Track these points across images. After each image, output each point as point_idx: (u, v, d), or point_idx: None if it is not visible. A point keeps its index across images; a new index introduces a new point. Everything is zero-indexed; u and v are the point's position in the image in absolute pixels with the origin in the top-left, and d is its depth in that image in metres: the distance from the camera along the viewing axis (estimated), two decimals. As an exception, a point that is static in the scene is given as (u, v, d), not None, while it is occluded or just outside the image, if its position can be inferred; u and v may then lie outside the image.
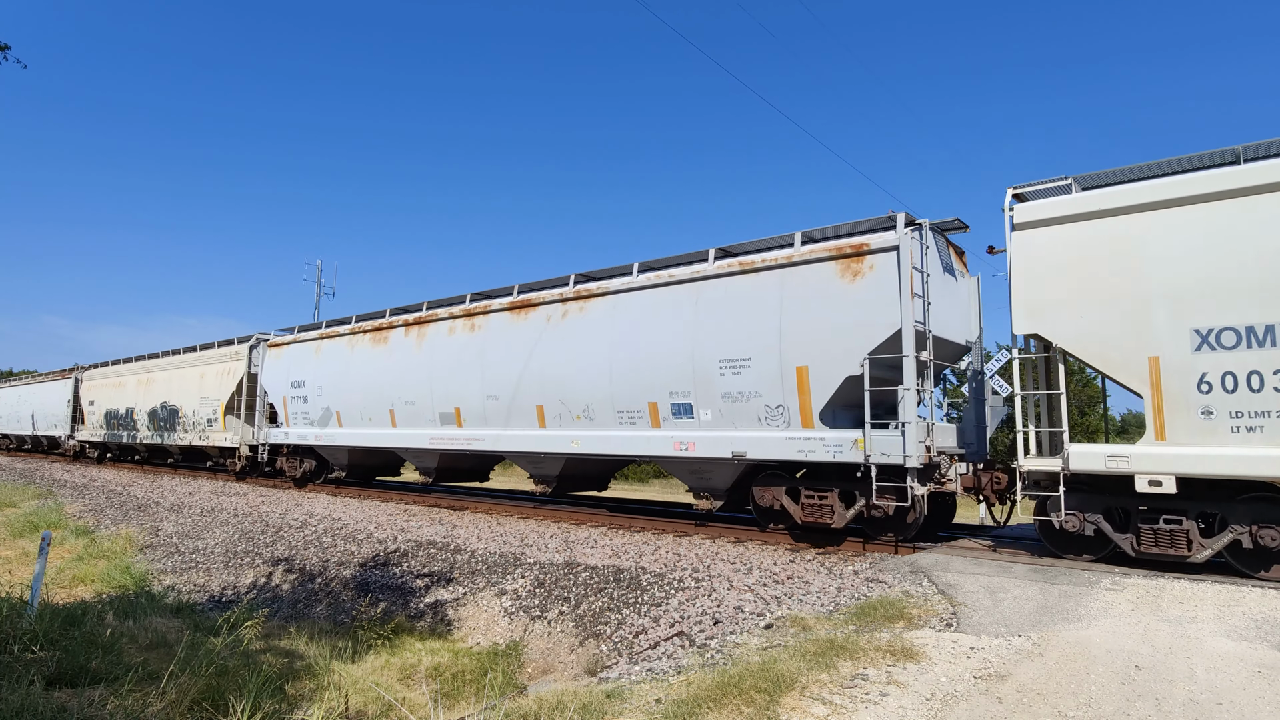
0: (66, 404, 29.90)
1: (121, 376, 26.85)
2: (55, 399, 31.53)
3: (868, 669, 5.03)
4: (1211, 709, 4.27)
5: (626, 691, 5.04)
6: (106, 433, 26.72)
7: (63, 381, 30.65)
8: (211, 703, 5.00)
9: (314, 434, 17.52)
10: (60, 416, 30.80)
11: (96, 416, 28.08)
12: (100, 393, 27.96)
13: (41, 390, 32.98)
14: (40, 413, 33.15)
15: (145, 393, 24.79)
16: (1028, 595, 6.75)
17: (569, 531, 11.65)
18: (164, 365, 24.49)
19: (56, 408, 31.26)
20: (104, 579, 11.92)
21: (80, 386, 29.98)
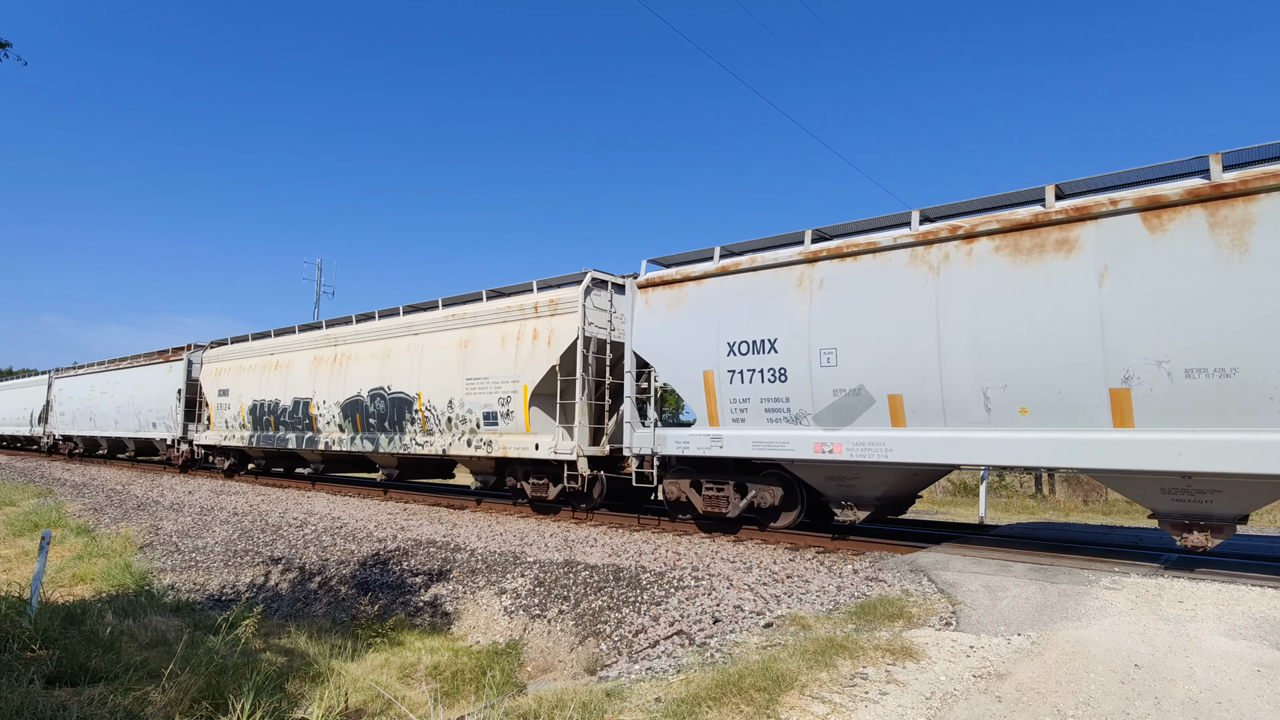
0: (176, 395, 23.44)
1: (278, 354, 19.55)
2: (155, 389, 24.72)
3: (867, 668, 5.04)
4: (1211, 708, 4.27)
5: (626, 690, 5.04)
6: (253, 433, 20.19)
7: (167, 365, 24.24)
8: (211, 701, 5.01)
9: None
10: (163, 412, 24.33)
11: (233, 411, 20.89)
12: (238, 378, 20.91)
13: (132, 378, 26.55)
14: (130, 408, 26.25)
15: (334, 375, 17.32)
16: (1027, 594, 6.75)
17: (569, 530, 11.66)
18: (372, 333, 16.58)
19: (158, 401, 24.56)
20: (104, 578, 11.92)
21: (198, 370, 23.29)
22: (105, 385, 28.24)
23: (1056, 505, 19.11)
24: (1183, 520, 7.36)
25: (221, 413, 21.41)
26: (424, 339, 15.10)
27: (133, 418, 26.11)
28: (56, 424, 32.48)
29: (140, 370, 26.16)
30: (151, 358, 25.67)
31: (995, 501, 19.11)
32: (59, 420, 32.33)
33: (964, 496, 20.63)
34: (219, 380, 21.78)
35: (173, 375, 23.79)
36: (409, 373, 15.12)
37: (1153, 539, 10.53)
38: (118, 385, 27.38)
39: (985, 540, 10.15)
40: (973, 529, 11.89)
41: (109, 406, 27.72)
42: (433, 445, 14.40)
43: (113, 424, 27.40)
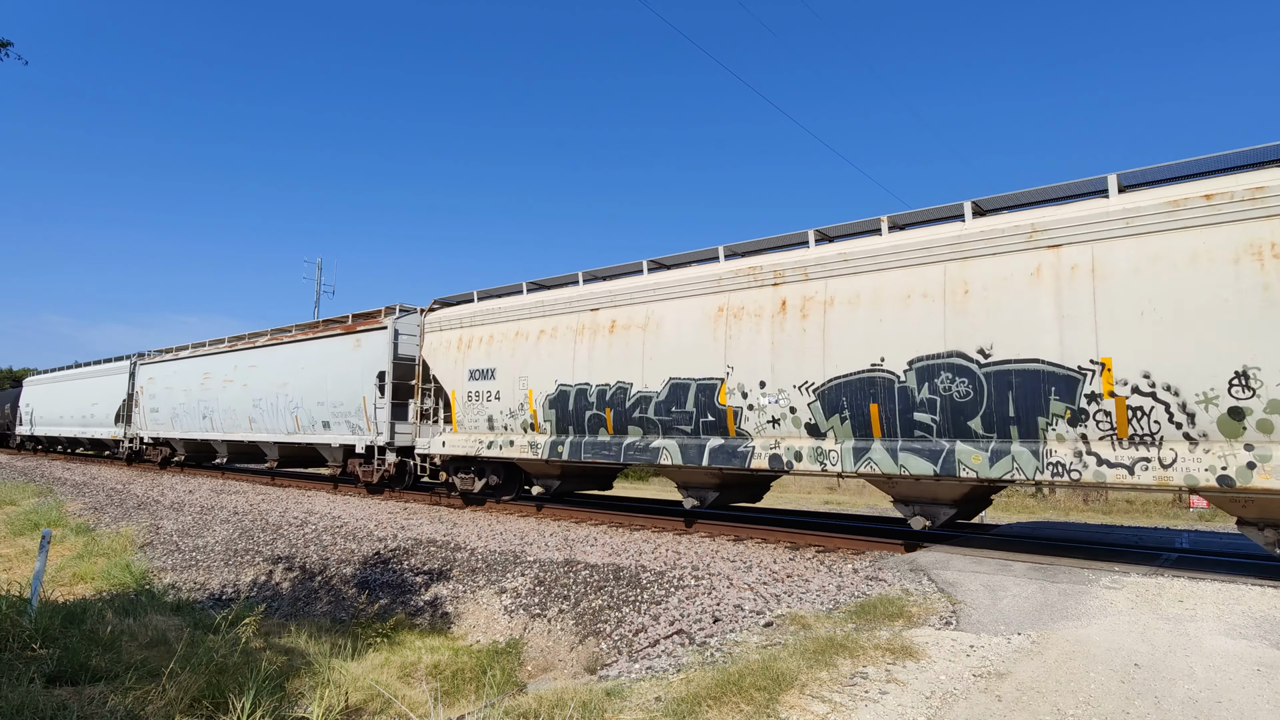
0: (376, 380, 15.80)
1: (605, 308, 11.96)
2: (326, 372, 17.43)
3: (867, 667, 5.04)
4: (1211, 707, 4.27)
5: (626, 689, 5.04)
6: (572, 438, 12.10)
7: (352, 339, 16.91)
8: (212, 700, 5.01)
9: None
10: (346, 407, 16.66)
11: (512, 402, 13.05)
12: (514, 350, 13.17)
13: (282, 360, 18.88)
14: (280, 401, 18.71)
15: (794, 340, 9.72)
16: (1027, 593, 6.76)
17: (569, 530, 11.66)
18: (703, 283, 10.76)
19: (335, 389, 17.06)
20: (104, 577, 11.93)
21: (413, 343, 15.92)
22: (229, 371, 20.86)
23: (1057, 505, 19.12)
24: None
25: (480, 406, 13.50)
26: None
27: (284, 416, 18.57)
28: (145, 423, 25.21)
29: (298, 348, 18.50)
30: (317, 329, 18.61)
31: (995, 501, 19.10)
32: (149, 419, 24.98)
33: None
34: (468, 355, 13.91)
35: (364, 352, 16.27)
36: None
37: (1153, 539, 10.54)
38: (254, 371, 19.87)
39: (985, 540, 10.16)
40: (973, 528, 11.90)
41: (237, 400, 20.34)
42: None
43: (244, 423, 20.11)
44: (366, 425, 16.12)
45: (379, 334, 16.09)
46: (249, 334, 21.22)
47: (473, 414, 13.70)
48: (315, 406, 17.59)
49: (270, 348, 19.66)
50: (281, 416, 18.75)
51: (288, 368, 18.65)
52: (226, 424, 21.07)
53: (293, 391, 18.26)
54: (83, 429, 30.36)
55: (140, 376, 26.07)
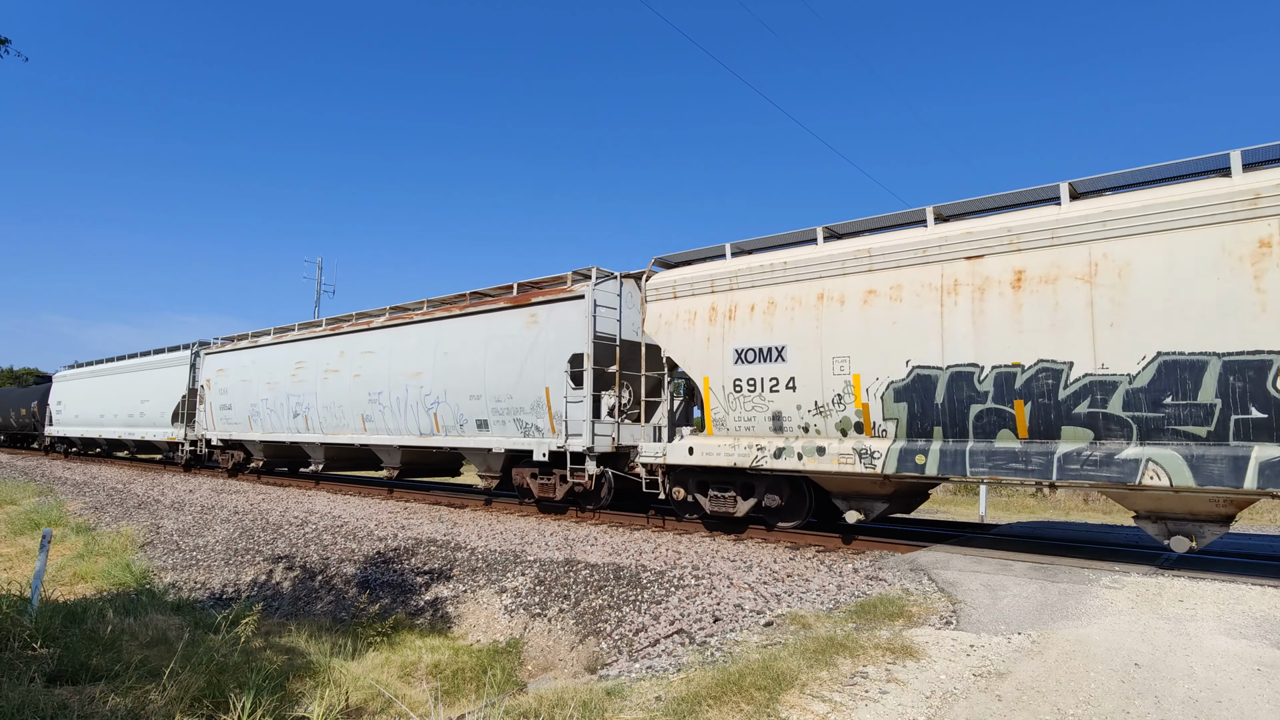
0: (564, 371, 12.13)
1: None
2: (504, 354, 13.08)
3: (868, 667, 5.04)
4: (1211, 707, 4.27)
5: (627, 689, 5.05)
6: (932, 447, 8.38)
7: (524, 312, 12.99)
8: (212, 699, 5.01)
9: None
10: (522, 402, 12.81)
11: (807, 398, 9.36)
12: (774, 320, 9.75)
13: (442, 341, 14.39)
14: (462, 394, 13.76)
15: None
16: (1027, 593, 6.76)
17: (569, 529, 11.66)
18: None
19: (513, 383, 12.88)
20: (104, 576, 11.94)
21: (601, 315, 12.17)
22: (332, 358, 16.88)
23: (1057, 504, 19.12)
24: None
25: (756, 399, 9.82)
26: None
27: (415, 413, 14.67)
28: (211, 423, 21.43)
29: (438, 328, 14.44)
30: (464, 303, 14.43)
31: (996, 500, 19.11)
32: (217, 418, 21.13)
33: (965, 495, 20.63)
34: (731, 329, 10.15)
35: (544, 331, 12.43)
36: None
37: (1153, 538, 10.54)
38: (371, 359, 15.77)
39: (985, 539, 10.16)
40: (973, 528, 11.90)
41: (345, 394, 16.33)
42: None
43: (354, 423, 16.16)
44: (549, 425, 12.27)
45: (570, 306, 12.20)
46: (356, 314, 17.49)
47: (742, 410, 9.94)
48: (466, 402, 13.57)
49: (394, 329, 15.58)
50: (412, 414, 14.71)
51: (423, 353, 14.62)
52: (329, 423, 17.00)
53: (431, 382, 14.29)
54: (129, 430, 26.04)
55: (206, 368, 21.85)
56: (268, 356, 19.43)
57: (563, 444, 12.06)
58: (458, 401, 13.84)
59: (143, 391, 25.15)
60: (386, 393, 15.36)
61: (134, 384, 25.86)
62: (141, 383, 25.37)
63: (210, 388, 21.51)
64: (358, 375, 16.13)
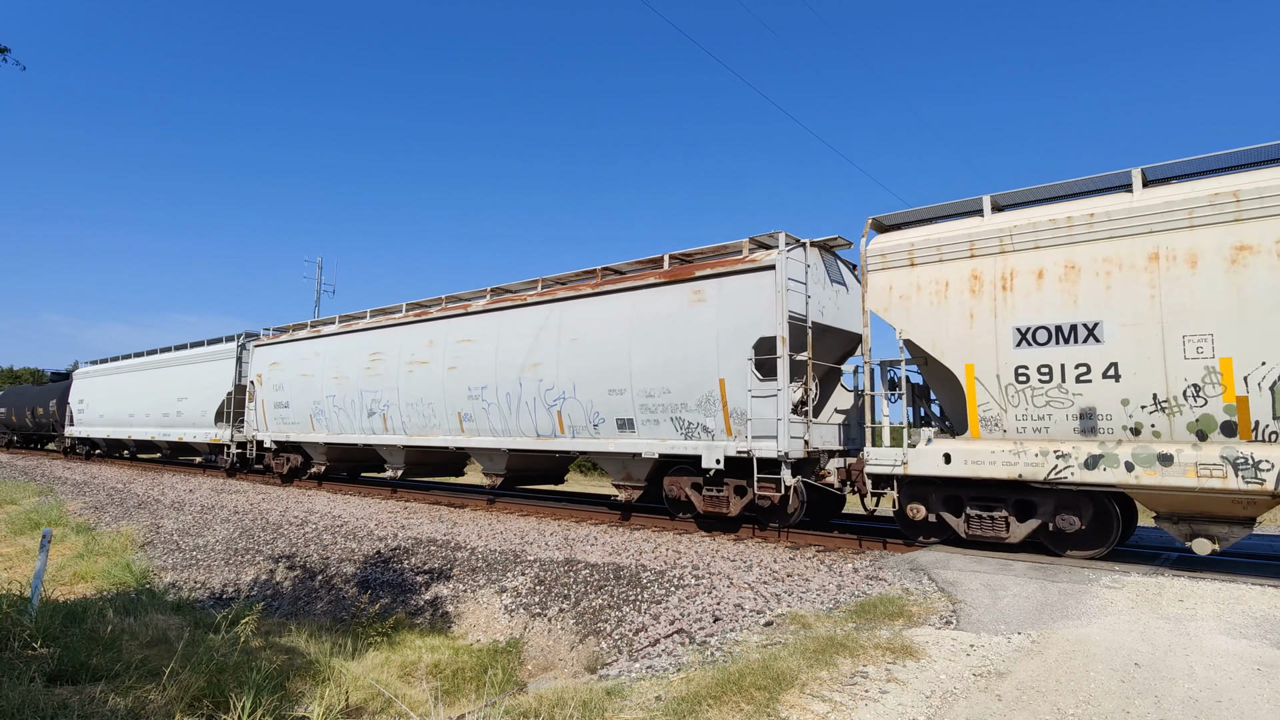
0: (747, 359, 10.04)
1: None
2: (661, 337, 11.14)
3: (868, 666, 5.04)
4: (1211, 707, 4.27)
5: (627, 689, 5.05)
6: None
7: (687, 288, 10.96)
8: (212, 699, 5.01)
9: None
10: (687, 397, 10.72)
11: (1139, 388, 7.48)
12: (1078, 290, 7.86)
13: (568, 324, 12.39)
14: (599, 387, 11.78)
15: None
16: (1027, 593, 6.76)
17: (569, 529, 11.67)
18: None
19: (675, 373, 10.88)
20: (105, 576, 11.95)
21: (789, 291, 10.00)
22: (419, 347, 14.77)
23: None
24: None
25: (1055, 393, 8.00)
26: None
27: (530, 411, 12.70)
28: (263, 423, 19.20)
29: (562, 310, 12.44)
30: (594, 279, 12.34)
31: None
32: (271, 417, 18.83)
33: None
34: (1011, 302, 8.33)
35: (715, 310, 10.41)
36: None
37: (1153, 538, 10.54)
38: (469, 348, 13.73)
39: (985, 540, 10.13)
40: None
41: (435, 390, 14.22)
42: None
43: (449, 422, 14.06)
44: (723, 424, 10.23)
45: (751, 280, 10.08)
46: (446, 297, 15.07)
47: (1029, 406, 8.06)
48: (604, 397, 11.51)
49: (501, 313, 13.35)
50: (527, 412, 12.60)
51: (543, 340, 12.47)
52: (413, 422, 14.75)
53: (554, 375, 12.18)
54: (164, 430, 23.71)
55: (257, 361, 19.60)
56: (334, 347, 17.07)
57: (745, 448, 9.95)
58: (591, 397, 11.71)
59: (180, 388, 22.76)
60: (492, 387, 13.15)
61: (169, 380, 23.49)
62: (178, 379, 22.95)
63: (262, 384, 19.15)
64: (453, 368, 13.91)
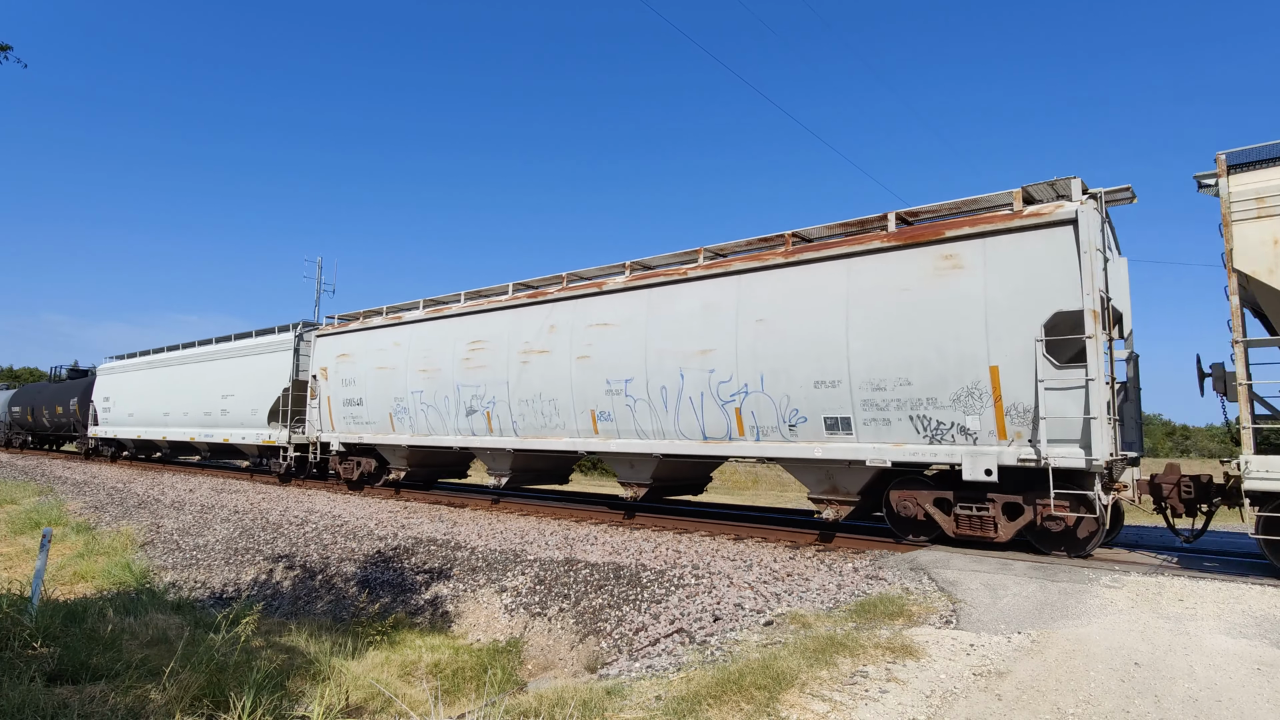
0: (1036, 341, 7.88)
1: None
2: (895, 313, 8.99)
3: (868, 666, 5.04)
4: (1211, 706, 4.27)
5: (627, 688, 5.05)
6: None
7: (934, 251, 8.74)
8: (212, 699, 5.01)
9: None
10: (944, 390, 8.55)
11: None
12: None
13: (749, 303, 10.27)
14: (801, 375, 9.65)
15: None
16: (1027, 592, 6.76)
17: (569, 529, 11.66)
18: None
19: (923, 361, 8.71)
20: (105, 576, 11.95)
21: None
22: (535, 332, 12.72)
23: (1057, 504, 19.06)
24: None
25: None
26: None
27: (686, 408, 10.86)
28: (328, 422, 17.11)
29: (737, 285, 10.46)
30: (772, 246, 10.44)
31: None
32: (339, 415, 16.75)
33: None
34: None
35: (978, 280, 8.44)
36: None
37: (1153, 538, 10.54)
38: (605, 333, 11.77)
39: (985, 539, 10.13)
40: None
41: (558, 381, 12.23)
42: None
43: (575, 420, 12.06)
44: (993, 424, 8.20)
45: (1043, 238, 8.02)
46: (567, 275, 12.86)
47: None
48: (805, 392, 9.46)
49: (650, 290, 11.34)
50: (690, 410, 10.66)
51: (714, 322, 10.48)
52: (528, 422, 12.74)
53: (730, 364, 10.16)
54: (204, 431, 21.58)
55: (320, 353, 17.43)
56: (421, 336, 14.89)
57: (1031, 455, 7.90)
58: (787, 391, 9.64)
59: (225, 384, 20.60)
60: (640, 380, 11.09)
61: (212, 376, 21.31)
62: (224, 374, 20.78)
63: (328, 378, 16.92)
64: (584, 357, 11.85)
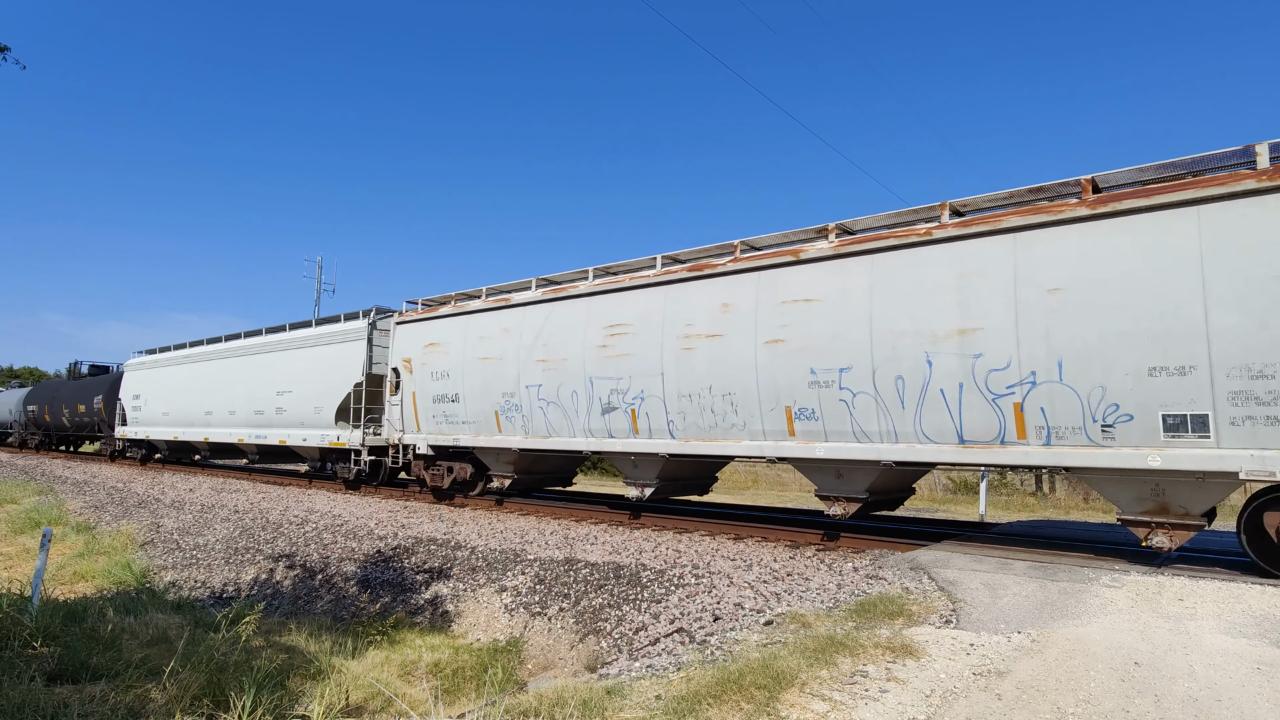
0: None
1: None
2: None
3: (868, 665, 5.04)
4: (1211, 706, 4.27)
5: (627, 688, 5.05)
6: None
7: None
8: (212, 698, 5.02)
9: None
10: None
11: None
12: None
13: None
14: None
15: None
16: (1027, 592, 6.76)
17: (569, 528, 11.67)
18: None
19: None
20: (105, 575, 11.95)
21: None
22: (698, 317, 10.52)
23: (1057, 503, 19.13)
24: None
25: None
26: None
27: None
28: (412, 420, 14.71)
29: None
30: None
31: (995, 499, 19.12)
32: (426, 415, 14.42)
33: (964, 494, 20.64)
34: None
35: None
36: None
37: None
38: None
39: (985, 538, 10.15)
40: (973, 527, 11.91)
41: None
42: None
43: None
44: None
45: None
46: (740, 243, 10.58)
47: None
48: (1133, 380, 7.36)
49: (863, 258, 9.16)
50: (939, 405, 8.41)
51: (975, 293, 8.28)
52: (689, 421, 10.56)
53: (1009, 346, 7.99)
54: (257, 432, 19.13)
55: (402, 343, 14.90)
56: (538, 320, 12.52)
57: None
58: (1102, 381, 7.47)
59: (282, 379, 18.32)
60: (863, 369, 8.93)
61: (265, 370, 19.04)
62: (280, 368, 18.52)
63: (413, 371, 14.58)
64: (777, 341, 9.70)
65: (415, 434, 14.83)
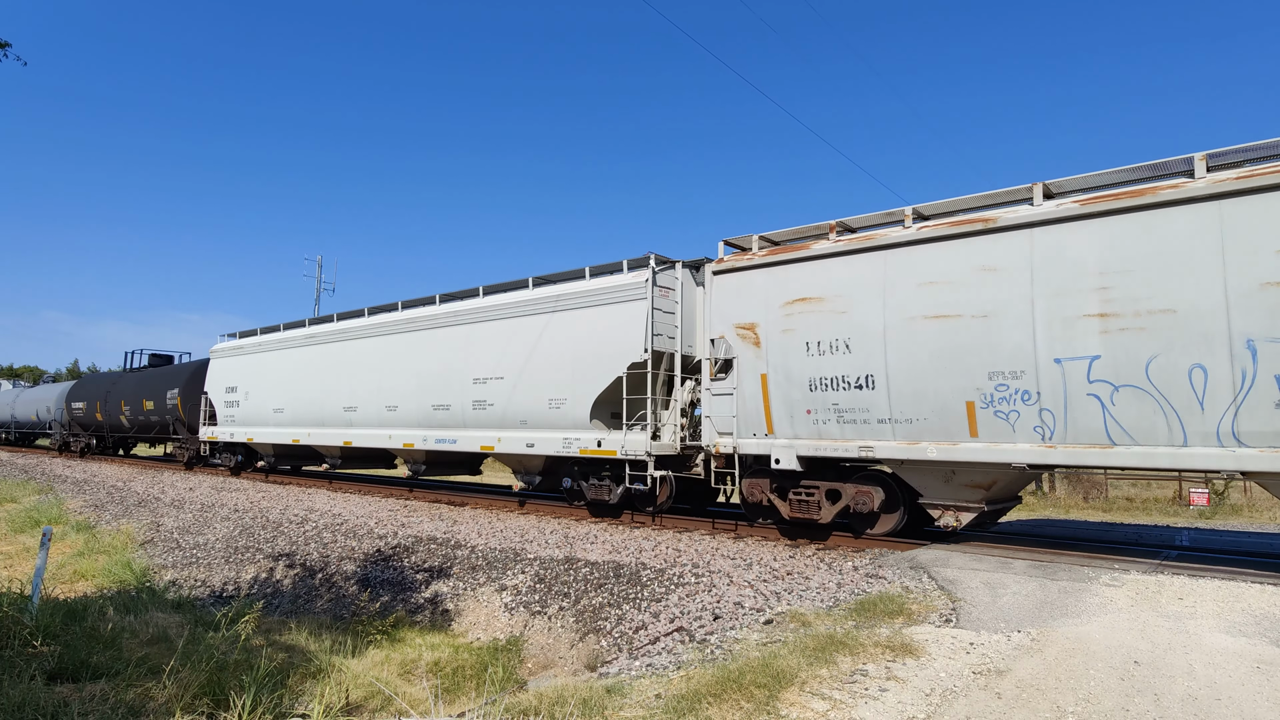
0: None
1: None
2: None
3: (867, 664, 5.04)
4: (1210, 705, 4.28)
5: (627, 687, 5.05)
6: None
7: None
8: (212, 697, 5.02)
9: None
10: None
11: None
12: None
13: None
14: None
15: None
16: (1027, 591, 6.76)
17: (569, 527, 11.66)
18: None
19: None
20: (105, 574, 11.95)
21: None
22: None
23: (1057, 502, 19.13)
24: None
25: None
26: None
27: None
28: (763, 422, 9.71)
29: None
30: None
31: (995, 498, 19.06)
32: (795, 408, 9.40)
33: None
34: None
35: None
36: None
37: (1153, 536, 10.55)
38: None
39: (985, 537, 10.15)
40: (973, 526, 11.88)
41: None
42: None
43: None
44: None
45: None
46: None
47: None
48: None
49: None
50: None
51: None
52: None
53: None
54: (439, 434, 14.01)
55: (729, 301, 10.32)
56: (1078, 248, 7.61)
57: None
58: None
59: (484, 361, 13.16)
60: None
61: (450, 350, 13.87)
62: (482, 346, 13.30)
63: (760, 343, 9.91)
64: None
65: (766, 439, 9.93)
